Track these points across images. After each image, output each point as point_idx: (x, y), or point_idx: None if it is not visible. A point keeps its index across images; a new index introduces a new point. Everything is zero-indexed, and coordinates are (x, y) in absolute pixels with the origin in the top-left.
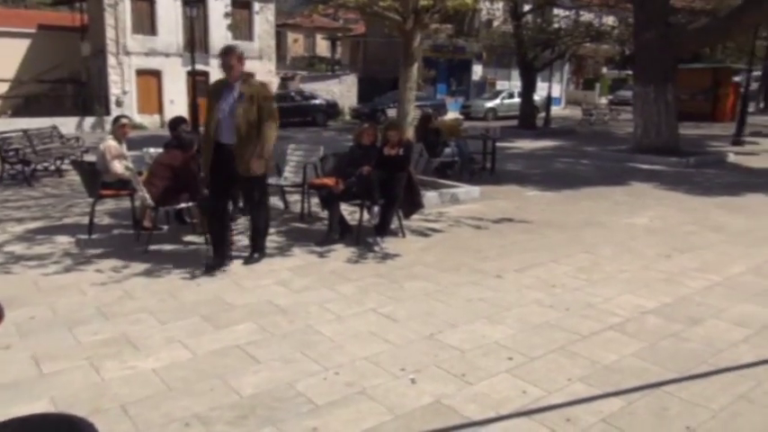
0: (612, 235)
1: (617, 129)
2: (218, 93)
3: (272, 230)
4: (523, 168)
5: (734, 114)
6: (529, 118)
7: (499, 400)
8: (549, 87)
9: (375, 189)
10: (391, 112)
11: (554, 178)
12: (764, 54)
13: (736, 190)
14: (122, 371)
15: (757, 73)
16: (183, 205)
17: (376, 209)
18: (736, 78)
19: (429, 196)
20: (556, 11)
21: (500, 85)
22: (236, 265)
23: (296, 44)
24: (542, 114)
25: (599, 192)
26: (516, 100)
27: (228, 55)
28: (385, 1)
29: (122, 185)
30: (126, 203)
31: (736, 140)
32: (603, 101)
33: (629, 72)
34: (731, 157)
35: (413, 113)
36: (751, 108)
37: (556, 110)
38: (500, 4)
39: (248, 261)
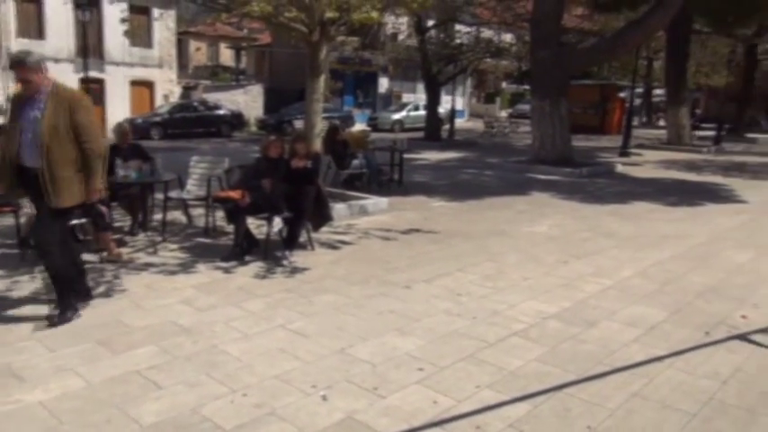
0: (515, 243)
1: (517, 141)
2: (17, 108)
3: (174, 246)
4: (430, 179)
5: (620, 127)
6: (434, 130)
7: (411, 412)
8: (453, 100)
9: (281, 202)
10: (298, 124)
11: (459, 189)
12: (645, 72)
13: (625, 198)
14: (4, 406)
15: (640, 89)
16: (74, 222)
17: (280, 221)
18: (622, 94)
19: (338, 208)
20: (458, 27)
21: (406, 97)
22: (134, 284)
23: (198, 53)
24: (447, 127)
25: (502, 201)
26: (422, 112)
27: (18, 69)
28: (290, 12)
29: (4, 201)
30: (8, 221)
31: (623, 152)
32: (504, 114)
33: (527, 87)
34: (619, 168)
35: (320, 125)
36: (635, 122)
37: (460, 122)
38: (405, 19)
39: (50, 322)
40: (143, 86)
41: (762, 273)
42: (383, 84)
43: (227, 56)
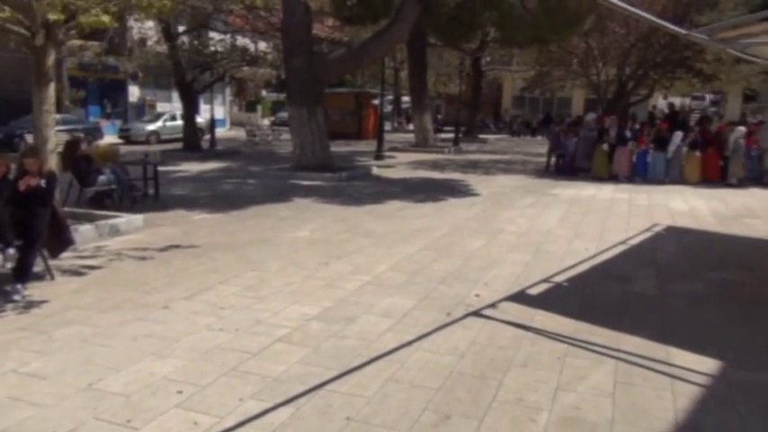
0: (278, 250)
1: (279, 148)
2: None
3: None
4: (190, 192)
5: (375, 132)
6: (193, 140)
7: None
8: (212, 109)
9: (7, 229)
10: (32, 138)
11: (222, 200)
12: (394, 81)
13: (380, 198)
14: None
15: (391, 97)
16: None
17: (11, 251)
18: (376, 101)
19: (83, 230)
20: (212, 34)
21: (161, 107)
22: None
23: None
24: (207, 136)
25: (265, 210)
26: (180, 122)
27: None
28: (3, 12)
29: None
30: None
31: (378, 155)
32: (266, 122)
33: (285, 95)
34: (375, 170)
35: (54, 139)
36: (388, 127)
37: (221, 132)
38: (152, 24)
39: None
40: None
41: (493, 256)
42: (134, 92)
43: None
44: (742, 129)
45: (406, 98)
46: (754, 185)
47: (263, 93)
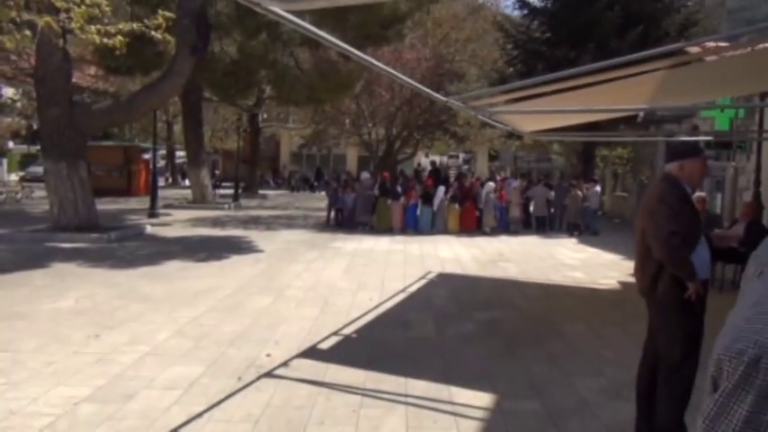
0: (34, 325)
1: (32, 207)
2: None
3: None
4: None
5: (147, 189)
6: None
7: None
8: None
9: None
10: None
11: None
12: (167, 135)
13: (157, 259)
14: None
15: (163, 151)
16: None
17: None
18: (146, 156)
19: None
20: None
21: None
22: None
23: None
24: None
25: (16, 278)
26: None
27: None
28: None
29: None
30: None
31: (152, 213)
32: (14, 178)
33: (40, 147)
34: (149, 229)
35: None
36: (162, 183)
37: None
38: None
39: None
40: None
41: (281, 313)
42: None
43: None
44: (491, 184)
45: (180, 153)
46: (503, 233)
47: (11, 144)
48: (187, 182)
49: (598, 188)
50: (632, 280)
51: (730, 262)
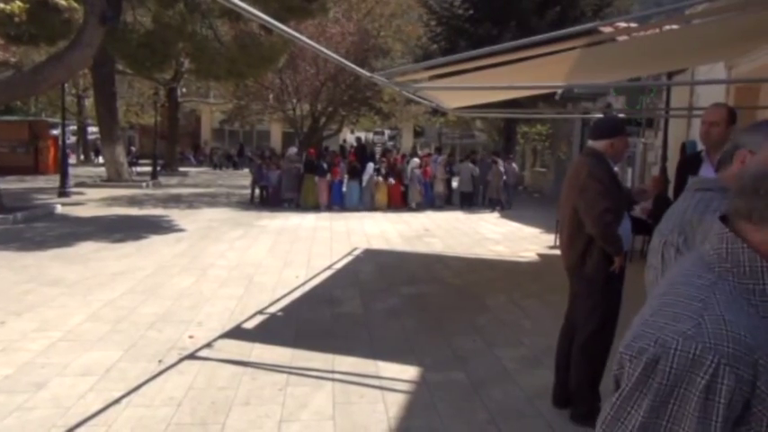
0: None
1: None
2: None
3: None
4: None
5: (57, 166)
6: None
7: None
8: None
9: None
10: None
11: None
12: (77, 110)
13: (69, 240)
14: None
15: (74, 127)
16: None
17: None
18: (55, 131)
19: None
20: None
21: None
22: None
23: None
24: None
25: None
26: None
27: None
28: None
29: None
30: None
31: (62, 192)
32: None
33: None
34: (60, 209)
35: None
36: (74, 160)
37: None
38: None
39: None
40: None
41: (204, 293)
42: None
43: None
44: (416, 160)
45: (93, 128)
46: (428, 209)
47: None
48: (101, 159)
49: (515, 165)
50: (551, 252)
51: (639, 233)
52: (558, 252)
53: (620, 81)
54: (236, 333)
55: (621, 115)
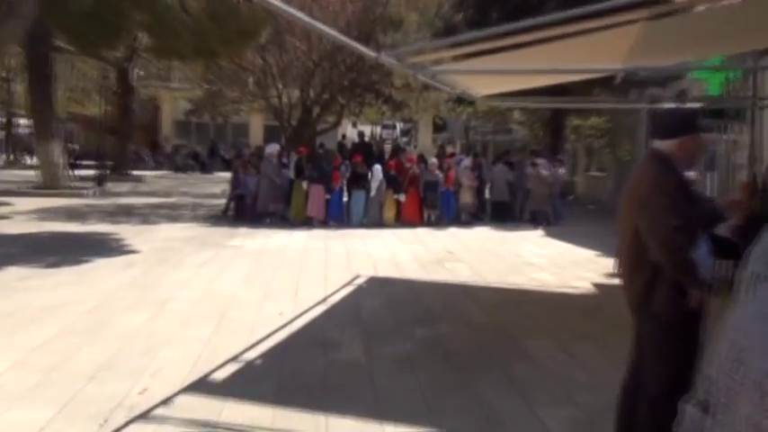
0: None
1: None
2: None
3: None
4: None
5: None
6: None
7: None
8: None
9: None
10: None
11: None
12: (4, 97)
13: None
14: None
15: (1, 119)
16: None
17: None
18: None
19: None
20: None
21: None
22: None
23: None
24: None
25: None
26: None
27: None
28: None
29: None
30: None
31: None
32: None
33: None
34: None
35: None
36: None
37: None
38: None
39: None
40: None
41: (159, 333)
42: None
43: None
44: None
45: (24, 121)
46: (452, 225)
47: None
48: (33, 160)
49: (562, 169)
50: (610, 282)
51: (723, 257)
52: (619, 282)
53: (698, 61)
54: (202, 387)
55: (698, 105)
